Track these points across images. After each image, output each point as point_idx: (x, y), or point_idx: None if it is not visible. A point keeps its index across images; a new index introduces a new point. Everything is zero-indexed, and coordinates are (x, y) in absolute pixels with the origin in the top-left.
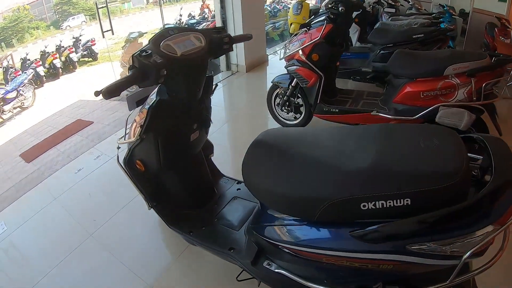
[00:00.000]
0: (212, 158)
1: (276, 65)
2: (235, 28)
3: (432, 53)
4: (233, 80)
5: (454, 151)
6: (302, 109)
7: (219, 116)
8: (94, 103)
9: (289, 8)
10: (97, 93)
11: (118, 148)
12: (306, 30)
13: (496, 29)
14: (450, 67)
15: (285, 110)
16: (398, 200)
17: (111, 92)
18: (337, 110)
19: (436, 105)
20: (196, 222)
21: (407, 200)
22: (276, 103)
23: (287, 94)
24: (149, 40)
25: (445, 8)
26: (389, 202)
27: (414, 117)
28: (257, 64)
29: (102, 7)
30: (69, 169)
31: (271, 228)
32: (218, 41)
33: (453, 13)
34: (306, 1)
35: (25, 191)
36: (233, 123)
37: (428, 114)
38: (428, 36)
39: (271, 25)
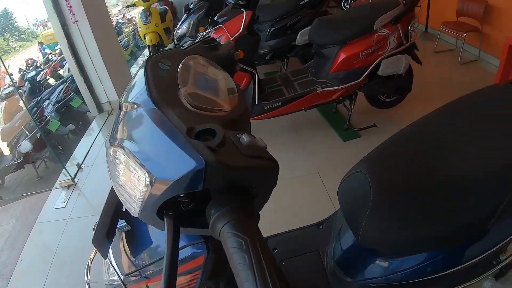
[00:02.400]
0: None
1: None
2: (96, 68)
3: (351, 13)
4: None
5: None
6: None
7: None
8: None
9: (122, 24)
10: None
11: None
12: (220, 27)
13: None
14: (378, 20)
15: None
16: None
17: None
18: (280, 103)
19: (378, 60)
20: None
21: None
22: None
23: None
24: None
25: None
26: None
27: (361, 79)
28: None
29: None
30: None
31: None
32: (230, 62)
33: None
34: (152, 7)
35: None
36: None
37: (372, 71)
38: None
39: None
